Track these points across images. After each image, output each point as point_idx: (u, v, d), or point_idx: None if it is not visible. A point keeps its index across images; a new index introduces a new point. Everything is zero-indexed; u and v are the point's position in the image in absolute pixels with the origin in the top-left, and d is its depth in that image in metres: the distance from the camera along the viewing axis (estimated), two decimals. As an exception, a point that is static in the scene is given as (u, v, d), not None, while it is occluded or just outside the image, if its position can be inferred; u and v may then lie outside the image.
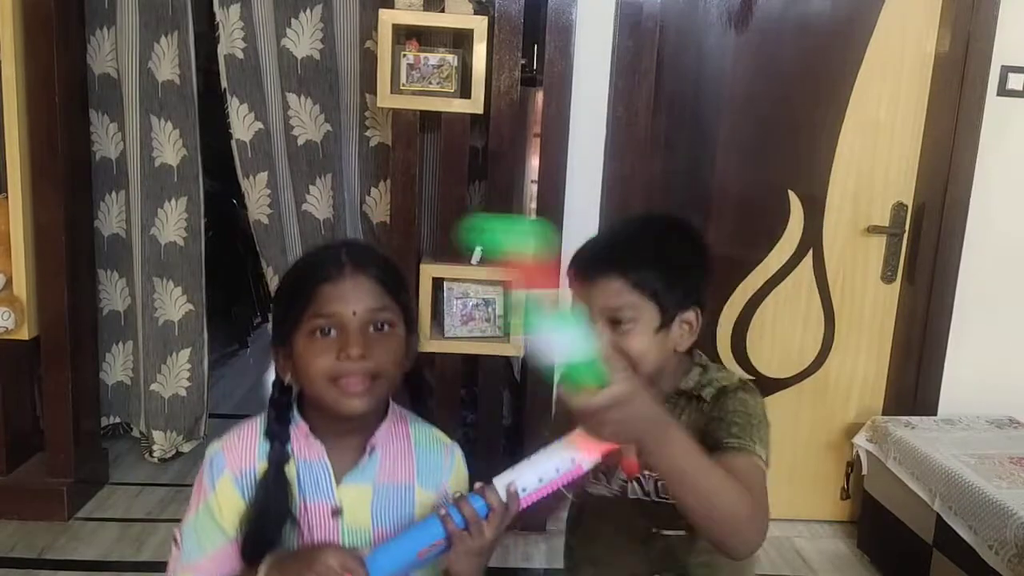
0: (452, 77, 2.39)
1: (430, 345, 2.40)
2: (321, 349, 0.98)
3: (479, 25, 2.30)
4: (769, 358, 2.67)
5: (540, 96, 2.51)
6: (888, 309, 2.65)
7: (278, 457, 1.00)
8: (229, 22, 2.53)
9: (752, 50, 2.52)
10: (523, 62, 2.44)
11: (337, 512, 1.02)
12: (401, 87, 2.38)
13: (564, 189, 2.47)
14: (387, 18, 2.29)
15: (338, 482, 1.03)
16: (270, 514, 0.99)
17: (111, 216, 2.72)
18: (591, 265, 1.13)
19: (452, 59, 2.38)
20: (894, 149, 2.57)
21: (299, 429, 1.03)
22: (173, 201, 2.67)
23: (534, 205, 2.57)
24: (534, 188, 2.59)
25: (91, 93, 2.60)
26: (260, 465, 1.01)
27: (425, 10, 2.36)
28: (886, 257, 2.62)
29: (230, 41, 2.54)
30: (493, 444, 2.66)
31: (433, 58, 2.38)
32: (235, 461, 1.02)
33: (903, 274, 2.63)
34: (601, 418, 0.89)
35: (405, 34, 2.38)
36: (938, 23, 2.50)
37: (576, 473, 0.99)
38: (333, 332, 0.98)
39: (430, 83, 2.39)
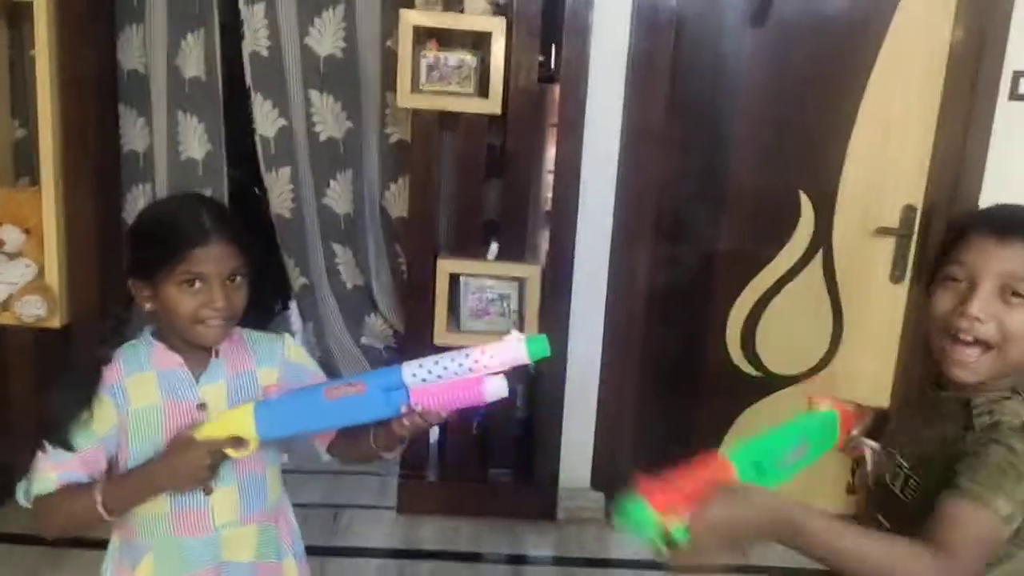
0: (471, 77, 2.44)
1: (444, 338, 2.47)
2: (188, 296, 1.18)
3: (497, 26, 2.35)
4: (777, 355, 2.72)
5: (557, 90, 2.55)
6: (896, 309, 2.69)
7: (99, 353, 1.21)
8: (254, 20, 2.59)
9: (768, 51, 2.55)
10: (540, 59, 2.49)
11: (203, 406, 1.23)
12: (421, 87, 2.43)
13: (579, 186, 2.52)
14: (407, 19, 2.34)
15: (197, 383, 1.25)
16: (73, 386, 1.20)
17: (137, 208, 2.80)
18: (1013, 225, 1.02)
19: (471, 60, 2.43)
20: (905, 151, 2.59)
21: (155, 348, 1.24)
22: (198, 194, 2.74)
23: (551, 195, 2.62)
24: (551, 178, 2.63)
25: (120, 88, 2.67)
26: (125, 380, 1.22)
27: (444, 11, 2.41)
28: (895, 258, 2.65)
29: (255, 39, 2.60)
30: (506, 435, 2.74)
31: (452, 59, 2.43)
32: (108, 378, 1.22)
33: (912, 275, 2.66)
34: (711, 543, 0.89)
35: (425, 34, 2.43)
36: (952, 23, 2.50)
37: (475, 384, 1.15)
38: (199, 284, 1.18)
39: (449, 83, 2.44)
